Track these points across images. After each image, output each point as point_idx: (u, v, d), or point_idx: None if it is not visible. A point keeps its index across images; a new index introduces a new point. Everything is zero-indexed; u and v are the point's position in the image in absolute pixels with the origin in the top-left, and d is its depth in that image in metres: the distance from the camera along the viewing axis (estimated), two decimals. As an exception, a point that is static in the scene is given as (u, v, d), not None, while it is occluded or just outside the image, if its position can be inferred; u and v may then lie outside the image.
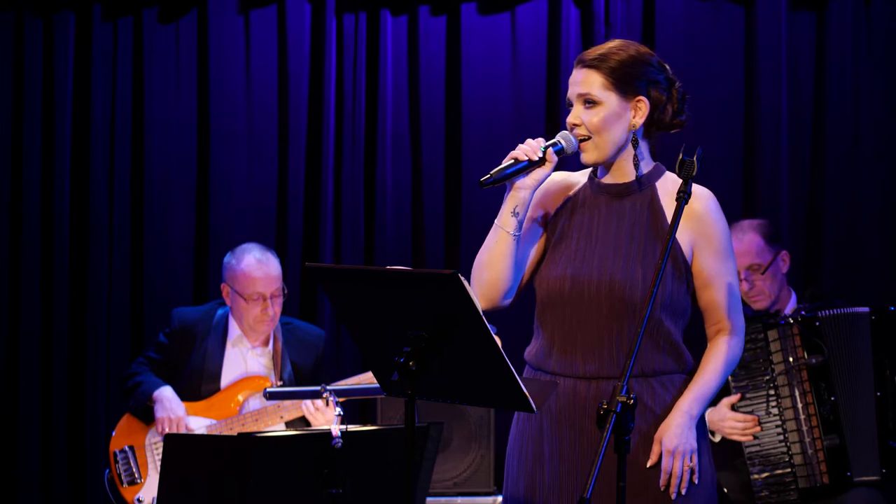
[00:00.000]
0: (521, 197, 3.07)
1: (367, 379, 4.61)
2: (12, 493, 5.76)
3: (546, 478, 3.12)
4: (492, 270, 3.11)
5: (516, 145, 3.10)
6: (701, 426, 3.08)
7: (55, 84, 5.78)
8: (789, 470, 4.36)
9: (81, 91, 5.80)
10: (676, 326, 3.08)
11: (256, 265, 4.94)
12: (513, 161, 3.05)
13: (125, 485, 4.92)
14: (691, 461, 3.01)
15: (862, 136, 5.60)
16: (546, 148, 3.05)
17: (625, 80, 3.06)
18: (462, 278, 2.70)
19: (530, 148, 3.04)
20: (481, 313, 2.74)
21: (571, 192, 3.20)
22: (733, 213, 4.64)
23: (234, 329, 5.01)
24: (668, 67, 3.15)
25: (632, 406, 2.61)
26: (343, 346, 5.76)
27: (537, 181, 3.07)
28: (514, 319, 5.60)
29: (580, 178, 3.23)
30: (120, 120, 5.81)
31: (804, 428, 4.33)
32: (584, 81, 3.08)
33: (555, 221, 3.18)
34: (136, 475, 4.92)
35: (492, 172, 3.05)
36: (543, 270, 3.15)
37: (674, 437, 3.00)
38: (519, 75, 5.78)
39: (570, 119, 3.10)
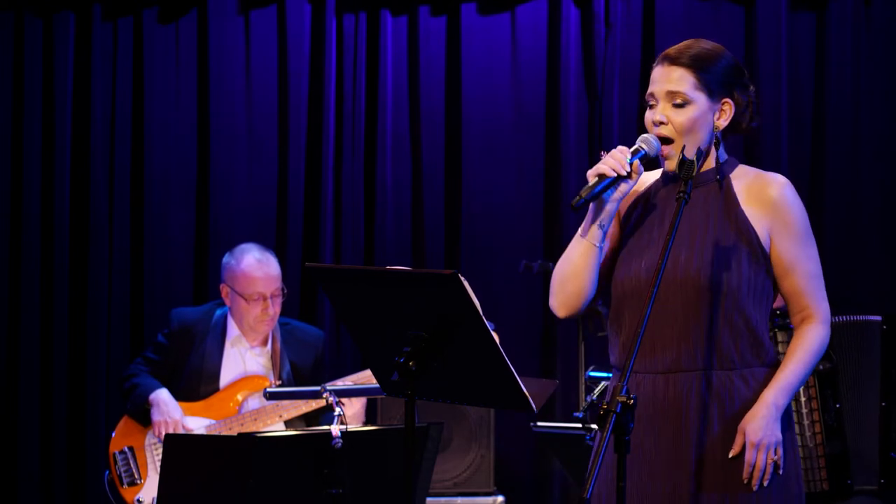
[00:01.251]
0: (609, 210, 3.00)
1: (366, 378, 4.61)
2: (12, 493, 5.76)
3: (630, 486, 3.05)
4: (577, 281, 3.05)
5: (515, 150, 3.07)
6: (786, 418, 3.02)
7: (55, 84, 5.78)
8: (790, 470, 4.35)
9: (81, 91, 5.80)
10: (758, 313, 3.02)
11: (257, 265, 4.94)
12: (597, 178, 2.96)
13: (125, 486, 4.92)
14: (775, 454, 2.96)
15: (862, 136, 5.60)
16: (632, 160, 2.97)
17: (715, 82, 3.00)
18: (462, 278, 2.70)
19: (617, 162, 2.95)
20: (481, 313, 2.74)
21: (643, 189, 3.14)
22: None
23: (232, 329, 5.01)
24: (746, 71, 3.09)
25: (632, 406, 2.60)
26: (343, 346, 5.76)
27: (624, 193, 3.00)
28: (516, 319, 5.62)
29: (653, 175, 3.16)
30: (120, 120, 5.81)
31: (808, 433, 4.31)
32: (676, 79, 3.00)
33: (627, 219, 3.12)
34: (136, 476, 4.91)
35: (581, 193, 2.94)
36: (617, 268, 3.08)
37: (758, 428, 2.95)
38: (519, 75, 5.78)
39: (656, 116, 3.01)
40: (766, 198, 3.02)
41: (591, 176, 2.97)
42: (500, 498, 5.05)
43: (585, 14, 5.72)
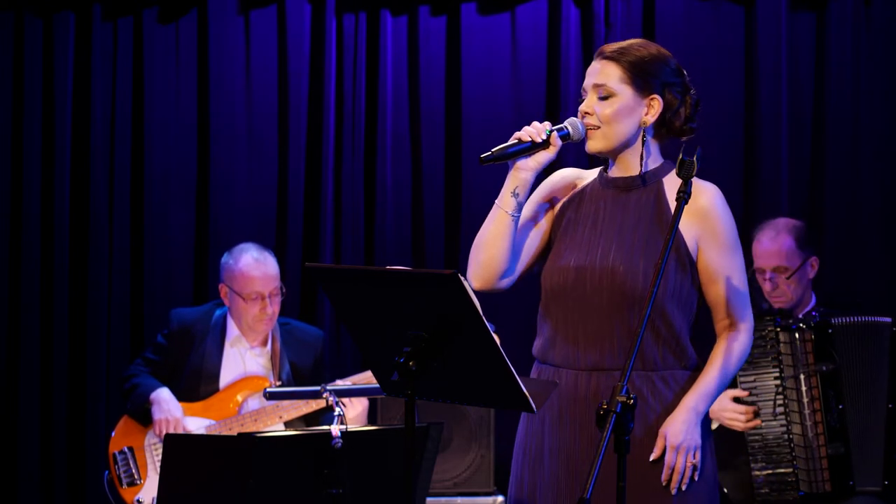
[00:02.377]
0: (522, 178, 3.08)
1: (366, 379, 4.60)
2: (12, 493, 5.76)
3: (545, 475, 3.11)
4: (488, 251, 3.12)
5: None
6: (705, 424, 3.08)
7: (55, 84, 5.78)
8: (791, 469, 4.35)
9: (81, 91, 5.80)
10: (682, 320, 3.07)
11: (254, 264, 4.95)
12: (516, 141, 3.07)
13: (125, 486, 4.92)
14: (694, 458, 3.01)
15: (862, 136, 5.59)
16: (551, 132, 3.07)
17: (642, 76, 3.08)
18: (462, 278, 2.70)
19: (535, 130, 3.07)
20: (481, 313, 2.74)
21: (580, 186, 3.22)
22: (734, 213, 4.63)
23: (232, 329, 5.01)
24: (685, 73, 3.18)
25: (632, 406, 2.61)
26: (343, 346, 5.76)
27: (539, 164, 3.08)
28: (516, 319, 5.62)
29: (591, 174, 3.25)
30: (120, 120, 5.81)
31: (810, 434, 4.31)
32: (602, 72, 3.10)
33: (561, 214, 3.19)
34: (136, 476, 4.91)
35: (493, 150, 3.07)
36: (549, 262, 3.16)
37: (679, 432, 3.00)
38: (519, 75, 5.78)
39: (583, 108, 3.12)
40: (696, 206, 3.06)
41: (511, 140, 3.07)
42: (500, 498, 5.05)
43: (585, 14, 5.72)
